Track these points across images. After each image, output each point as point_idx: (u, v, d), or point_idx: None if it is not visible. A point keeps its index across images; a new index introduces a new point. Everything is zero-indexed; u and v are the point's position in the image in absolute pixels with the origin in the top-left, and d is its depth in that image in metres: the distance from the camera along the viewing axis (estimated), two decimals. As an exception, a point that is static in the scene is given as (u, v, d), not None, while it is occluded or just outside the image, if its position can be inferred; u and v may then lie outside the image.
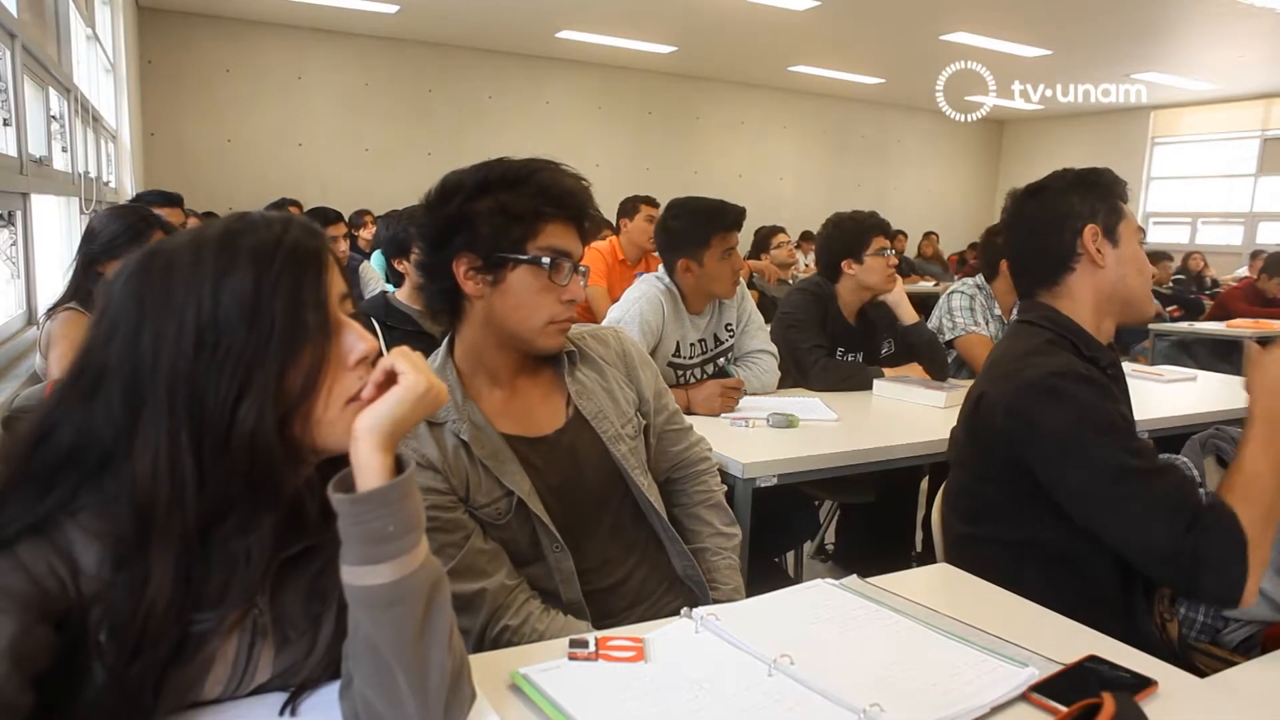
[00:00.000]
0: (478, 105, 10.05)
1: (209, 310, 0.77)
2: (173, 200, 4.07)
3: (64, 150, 3.66)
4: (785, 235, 6.07)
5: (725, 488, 1.65)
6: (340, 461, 0.82)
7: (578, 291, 1.34)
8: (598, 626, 1.30)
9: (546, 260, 1.30)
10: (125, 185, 6.03)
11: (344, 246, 4.53)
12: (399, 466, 0.82)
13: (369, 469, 0.79)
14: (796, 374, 2.80)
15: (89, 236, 2.50)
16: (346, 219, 7.21)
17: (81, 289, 2.43)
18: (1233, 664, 1.22)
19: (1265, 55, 8.75)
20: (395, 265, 2.80)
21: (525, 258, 1.30)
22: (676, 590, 1.46)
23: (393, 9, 8.20)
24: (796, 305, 2.89)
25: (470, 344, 1.37)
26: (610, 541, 1.41)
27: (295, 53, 9.09)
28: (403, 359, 0.82)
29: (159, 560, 0.76)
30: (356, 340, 0.84)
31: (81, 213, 3.83)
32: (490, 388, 1.39)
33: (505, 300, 1.31)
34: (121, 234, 2.45)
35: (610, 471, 1.42)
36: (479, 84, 10.05)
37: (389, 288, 3.10)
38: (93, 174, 4.28)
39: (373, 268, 4.98)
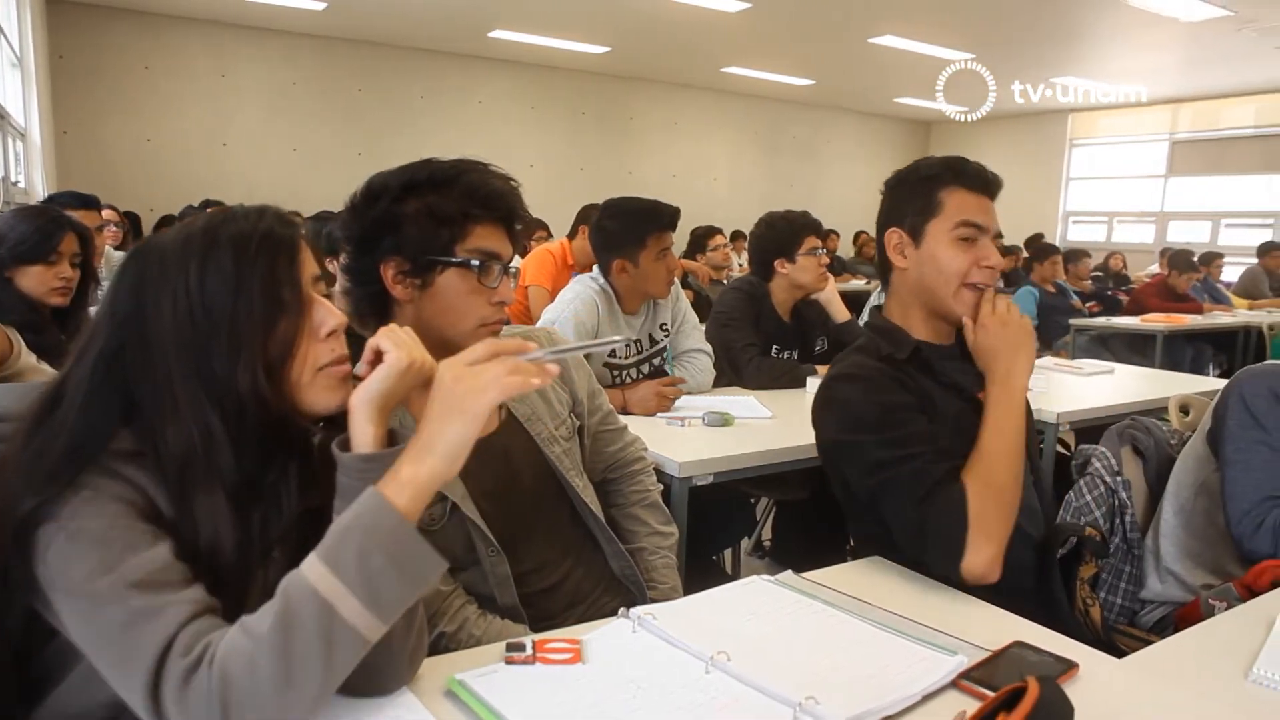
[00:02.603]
0: (409, 105, 9.90)
1: (198, 290, 0.87)
2: (88, 202, 3.90)
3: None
4: (722, 238, 6.10)
5: (661, 487, 1.65)
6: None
7: (508, 293, 1.33)
8: (536, 629, 1.30)
9: (476, 263, 1.28)
10: (36, 186, 5.79)
11: None
12: (392, 440, 0.91)
13: (362, 438, 0.88)
14: (731, 373, 2.82)
15: None
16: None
17: None
18: (1149, 643, 1.27)
19: (1171, 61, 9.14)
20: (326, 266, 2.74)
21: (454, 261, 1.28)
22: (614, 591, 1.45)
23: (320, 6, 8.04)
24: (730, 304, 2.92)
25: None
26: (546, 544, 1.40)
27: (218, 50, 8.82)
28: (387, 338, 0.91)
29: (208, 505, 0.85)
30: (327, 315, 0.93)
31: (-11, 215, 3.65)
32: (420, 392, 1.36)
33: (434, 304, 1.29)
34: (31, 236, 2.31)
35: (545, 474, 1.41)
36: (410, 83, 9.90)
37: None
38: None
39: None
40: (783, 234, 2.88)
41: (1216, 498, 1.65)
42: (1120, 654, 1.14)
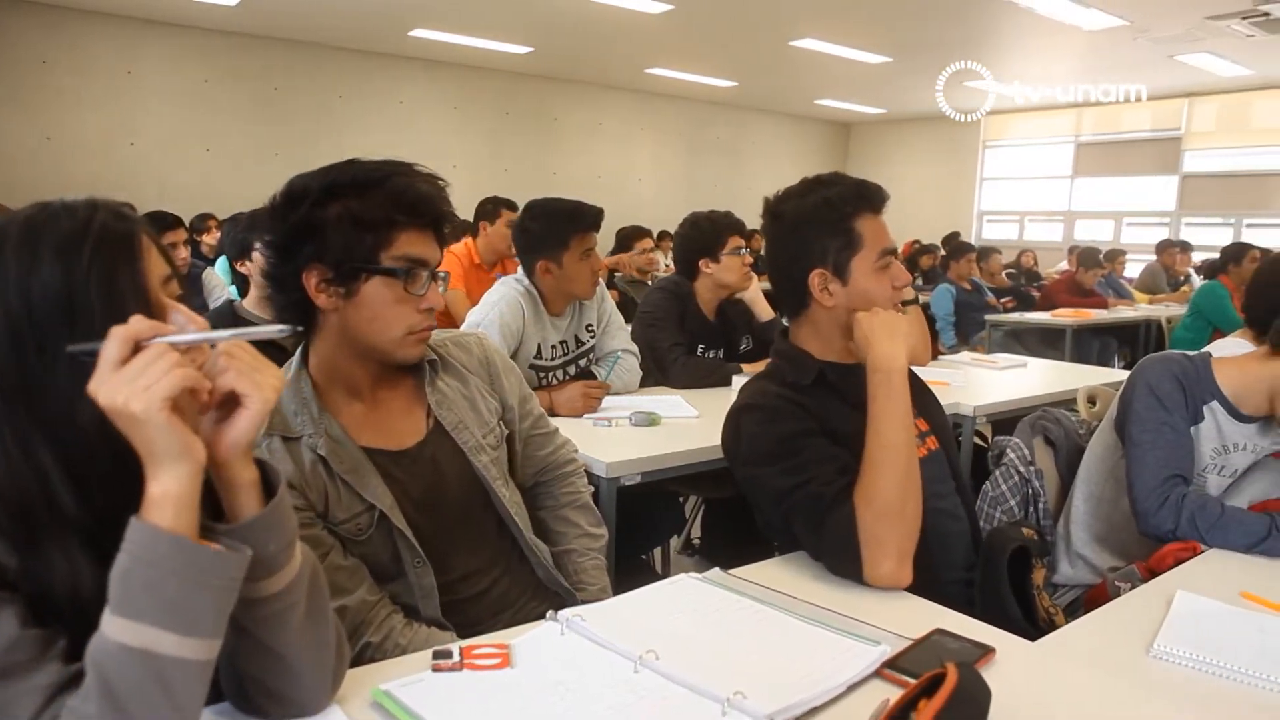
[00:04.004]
0: (328, 104, 9.67)
1: (20, 312, 0.75)
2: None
3: None
4: (649, 240, 6.09)
5: (592, 489, 1.65)
6: None
7: (437, 299, 1.30)
8: (464, 636, 1.28)
9: (401, 270, 1.25)
10: (-76, 187, 5.47)
11: (185, 253, 4.26)
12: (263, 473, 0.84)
13: (248, 490, 0.81)
14: (658, 372, 2.83)
15: None
16: (187, 223, 6.79)
17: None
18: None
19: (1074, 67, 9.52)
20: (238, 268, 2.66)
21: (379, 268, 1.24)
22: (542, 596, 1.45)
23: (232, 2, 7.79)
24: (655, 304, 2.93)
25: (325, 356, 1.31)
26: (473, 554, 1.39)
27: (124, 45, 8.46)
28: (247, 379, 0.79)
29: (60, 551, 0.77)
30: (185, 324, 0.81)
31: None
32: (348, 400, 1.33)
33: (360, 312, 1.25)
34: None
35: (472, 483, 1.39)
36: (329, 82, 9.67)
37: (235, 295, 2.94)
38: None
39: (217, 274, 4.71)
40: (707, 234, 2.91)
41: (1123, 484, 1.72)
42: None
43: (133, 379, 0.72)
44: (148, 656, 0.72)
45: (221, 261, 5.01)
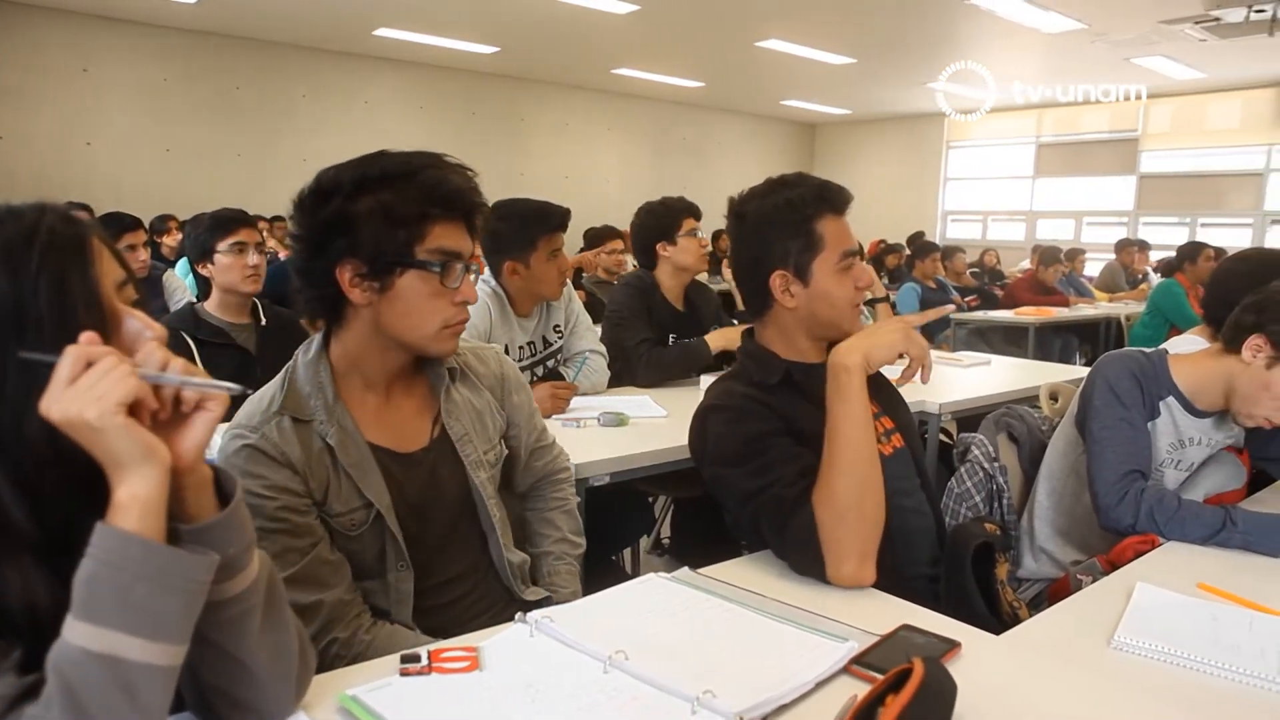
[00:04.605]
0: (291, 104, 9.56)
1: None
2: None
3: None
4: (620, 241, 6.06)
5: (579, 499, 1.66)
6: None
7: (471, 292, 1.28)
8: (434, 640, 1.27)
9: (437, 265, 1.23)
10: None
11: (144, 255, 4.17)
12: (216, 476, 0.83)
13: (205, 493, 0.81)
14: (628, 372, 2.83)
15: None
16: (147, 225, 6.66)
17: None
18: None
19: (1035, 68, 9.67)
20: (199, 270, 2.62)
21: (414, 262, 1.22)
22: (516, 606, 1.44)
23: (191, -1, 7.68)
24: (620, 302, 2.92)
25: (351, 347, 1.29)
26: (452, 562, 1.38)
27: (79, 42, 8.28)
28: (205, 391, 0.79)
29: (12, 566, 0.75)
30: (142, 330, 0.79)
31: None
32: (364, 393, 1.32)
33: (395, 307, 1.24)
34: None
35: (465, 495, 1.39)
36: (292, 82, 9.56)
37: (195, 298, 2.90)
38: None
39: (177, 277, 4.63)
40: (661, 218, 2.92)
41: (1084, 479, 1.75)
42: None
43: (85, 390, 0.71)
44: (113, 662, 0.71)
45: (182, 263, 4.94)
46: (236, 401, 0.90)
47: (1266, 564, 1.46)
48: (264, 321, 2.64)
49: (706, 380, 2.78)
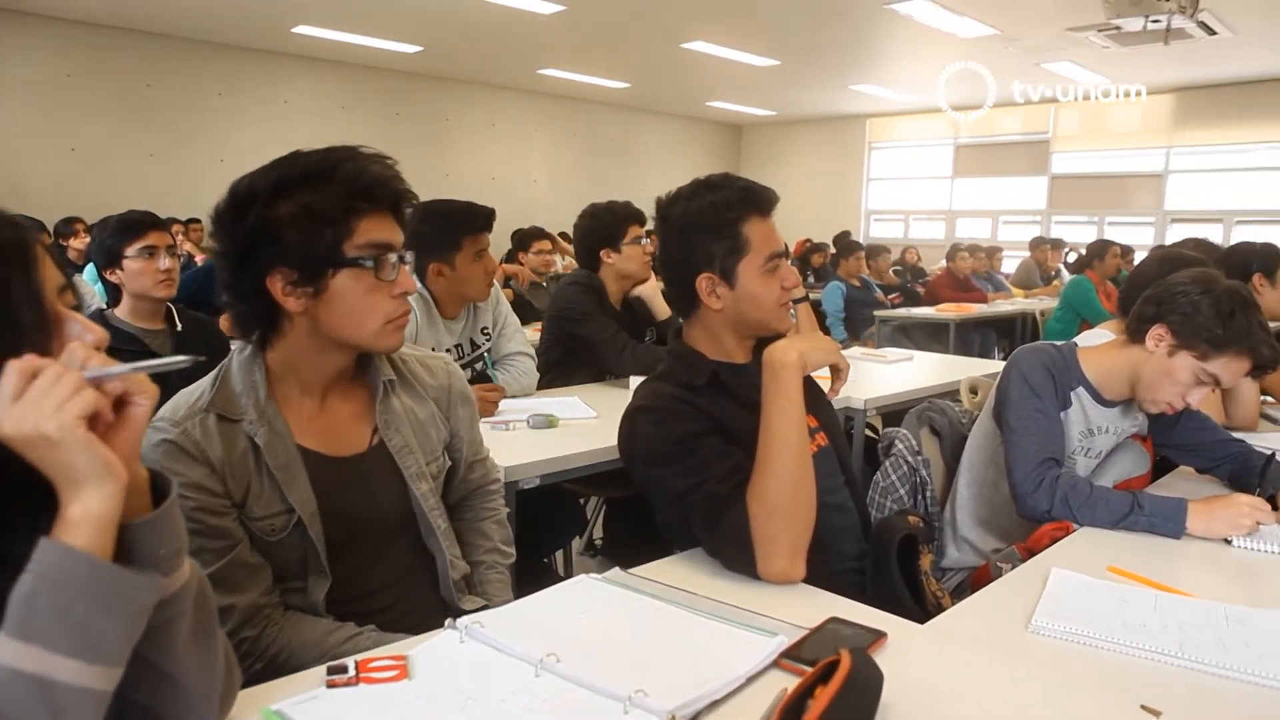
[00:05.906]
0: (206, 103, 9.26)
1: None
2: None
3: None
4: (548, 243, 6.06)
5: (509, 509, 1.64)
6: None
7: (408, 282, 1.25)
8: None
9: (369, 260, 1.19)
10: None
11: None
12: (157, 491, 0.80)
13: (139, 492, 0.78)
14: (597, 365, 2.79)
15: None
16: (51, 229, 6.37)
17: None
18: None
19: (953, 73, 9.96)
20: (108, 276, 2.51)
21: (346, 261, 1.18)
22: (448, 612, 1.42)
23: (96, -8, 7.38)
24: (575, 300, 2.86)
25: (288, 352, 1.25)
26: (384, 572, 1.36)
27: (-27, 37, 7.91)
28: (126, 379, 0.76)
29: None
30: (83, 333, 0.78)
31: None
32: (300, 396, 1.28)
33: (333, 310, 1.20)
34: None
35: (403, 506, 1.35)
36: (206, 80, 9.26)
37: (105, 304, 2.78)
38: None
39: (86, 282, 4.44)
40: (607, 224, 2.89)
41: (1003, 469, 1.81)
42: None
43: (38, 401, 0.69)
44: (43, 684, 0.68)
45: (90, 269, 4.72)
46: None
47: (1169, 546, 1.54)
48: (179, 327, 2.56)
49: (635, 381, 2.79)
